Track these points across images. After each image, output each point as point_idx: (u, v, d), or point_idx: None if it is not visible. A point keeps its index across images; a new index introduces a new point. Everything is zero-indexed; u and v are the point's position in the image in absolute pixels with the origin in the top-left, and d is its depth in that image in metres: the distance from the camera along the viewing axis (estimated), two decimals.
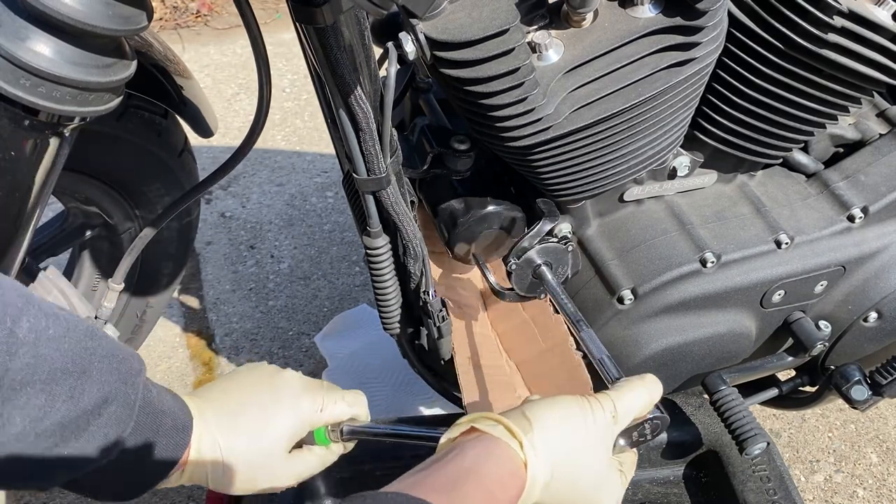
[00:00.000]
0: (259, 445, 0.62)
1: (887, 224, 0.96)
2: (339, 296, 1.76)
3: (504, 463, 0.53)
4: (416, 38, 0.68)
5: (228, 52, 2.62)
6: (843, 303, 0.99)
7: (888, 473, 1.47)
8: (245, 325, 1.68)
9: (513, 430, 0.54)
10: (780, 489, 0.97)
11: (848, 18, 0.77)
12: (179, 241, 1.22)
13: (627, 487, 0.63)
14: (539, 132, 0.73)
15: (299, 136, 2.26)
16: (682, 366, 0.96)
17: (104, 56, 0.63)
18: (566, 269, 0.89)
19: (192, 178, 1.16)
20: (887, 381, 0.99)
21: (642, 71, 0.72)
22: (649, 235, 0.92)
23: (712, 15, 0.71)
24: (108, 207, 1.11)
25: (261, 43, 0.72)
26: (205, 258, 1.84)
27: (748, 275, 0.91)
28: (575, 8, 0.69)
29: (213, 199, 2.00)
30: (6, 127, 0.63)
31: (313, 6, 0.60)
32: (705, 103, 0.86)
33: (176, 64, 1.02)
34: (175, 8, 2.79)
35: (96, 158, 1.02)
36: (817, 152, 1.01)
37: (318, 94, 0.77)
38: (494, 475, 0.52)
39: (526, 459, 0.54)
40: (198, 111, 1.04)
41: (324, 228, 1.93)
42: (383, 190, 0.77)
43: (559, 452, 0.56)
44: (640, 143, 0.80)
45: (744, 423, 0.94)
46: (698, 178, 0.95)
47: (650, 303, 0.90)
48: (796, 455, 1.50)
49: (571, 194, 0.86)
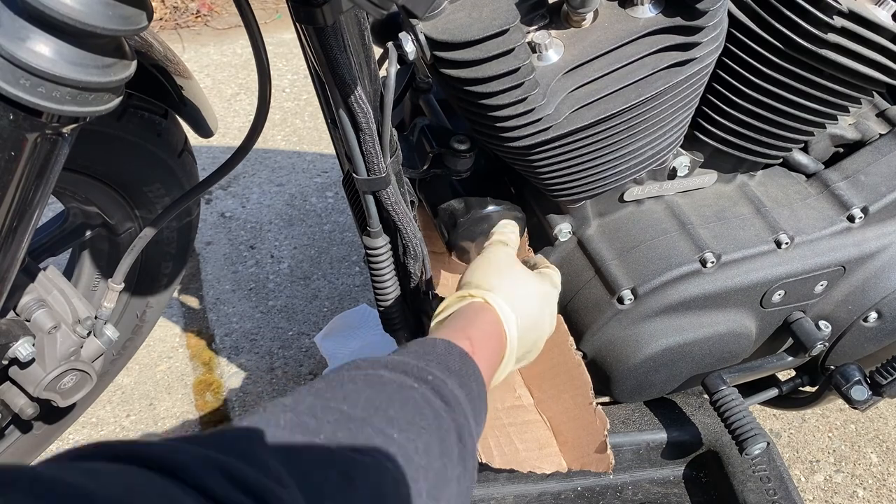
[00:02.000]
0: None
1: (887, 224, 0.96)
2: (339, 296, 1.76)
3: (483, 313, 0.68)
4: (416, 38, 0.68)
5: (228, 52, 2.62)
6: (843, 303, 0.99)
7: (888, 473, 1.47)
8: (245, 325, 1.68)
9: (474, 294, 0.70)
10: (780, 489, 0.97)
11: (848, 18, 0.77)
12: (179, 241, 1.22)
13: (627, 487, 0.65)
14: (539, 132, 0.73)
15: (299, 136, 2.26)
16: (682, 366, 0.96)
17: (104, 56, 0.63)
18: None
19: (192, 178, 1.15)
20: (887, 381, 0.99)
21: (642, 71, 0.72)
22: (649, 235, 0.92)
23: (712, 15, 0.71)
24: (108, 207, 1.11)
25: (261, 43, 0.72)
26: (205, 258, 1.84)
27: (748, 275, 0.91)
28: (575, 8, 0.69)
29: (213, 199, 2.00)
30: (6, 127, 0.63)
31: (313, 6, 0.60)
32: (705, 103, 0.86)
33: (176, 64, 1.02)
34: (175, 8, 2.79)
35: (96, 158, 1.02)
36: (817, 152, 1.01)
37: (318, 94, 0.77)
38: (481, 321, 0.67)
39: (493, 305, 0.69)
40: (198, 111, 1.04)
41: (324, 228, 1.93)
42: (383, 190, 0.77)
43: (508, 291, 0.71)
44: (640, 143, 0.80)
45: (744, 423, 0.94)
46: (698, 178, 0.95)
47: (650, 303, 0.90)
48: (796, 455, 1.50)
49: (571, 194, 0.86)
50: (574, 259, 0.95)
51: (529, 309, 0.71)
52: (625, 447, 1.02)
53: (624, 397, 1.00)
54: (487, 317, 0.68)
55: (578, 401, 0.89)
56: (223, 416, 1.51)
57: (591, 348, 0.94)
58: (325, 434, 0.42)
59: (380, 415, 0.46)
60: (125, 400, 1.53)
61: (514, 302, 0.70)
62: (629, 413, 1.05)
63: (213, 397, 1.54)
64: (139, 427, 1.48)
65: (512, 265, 0.76)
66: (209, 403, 1.53)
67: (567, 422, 0.92)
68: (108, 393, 1.50)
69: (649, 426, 1.03)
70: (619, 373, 0.94)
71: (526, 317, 0.70)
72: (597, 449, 0.88)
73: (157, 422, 1.49)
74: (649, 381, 0.97)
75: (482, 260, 0.76)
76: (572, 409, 0.91)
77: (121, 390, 1.54)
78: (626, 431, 1.02)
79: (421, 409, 0.49)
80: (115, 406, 1.51)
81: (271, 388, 1.55)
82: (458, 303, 0.70)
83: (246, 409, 1.52)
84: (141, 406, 1.52)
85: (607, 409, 0.99)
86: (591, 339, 0.94)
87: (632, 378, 0.95)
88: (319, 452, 0.41)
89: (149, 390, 1.55)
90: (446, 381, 0.53)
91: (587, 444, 0.90)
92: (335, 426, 0.43)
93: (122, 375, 1.52)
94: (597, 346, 0.94)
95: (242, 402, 1.53)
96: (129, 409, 1.51)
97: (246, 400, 1.53)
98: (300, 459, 0.39)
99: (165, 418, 1.50)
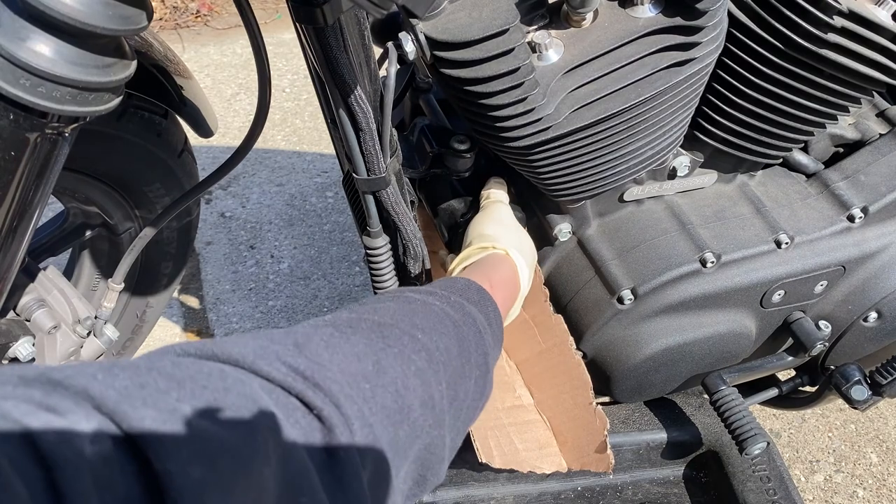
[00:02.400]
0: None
1: (887, 224, 0.96)
2: (339, 296, 1.76)
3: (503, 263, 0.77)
4: (416, 38, 0.68)
5: (228, 52, 2.62)
6: (843, 303, 0.99)
7: (888, 473, 1.47)
8: (245, 325, 1.68)
9: (497, 247, 0.78)
10: (780, 489, 0.97)
11: (848, 18, 0.77)
12: (179, 241, 1.22)
13: (627, 487, 0.66)
14: (539, 132, 0.73)
15: (299, 136, 2.26)
16: (682, 366, 0.96)
17: (104, 56, 0.63)
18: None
19: (192, 178, 1.16)
20: (887, 381, 0.99)
21: (642, 71, 0.72)
22: (649, 235, 0.92)
23: (712, 15, 0.71)
24: (108, 207, 1.11)
25: (261, 43, 0.72)
26: (205, 258, 1.84)
27: (748, 275, 0.91)
28: (575, 8, 0.69)
29: (213, 199, 2.00)
30: (6, 127, 0.63)
31: (313, 6, 0.60)
32: (705, 103, 0.86)
33: (176, 64, 1.02)
34: (175, 8, 2.79)
35: (96, 158, 1.02)
36: (817, 152, 1.01)
37: (318, 94, 0.77)
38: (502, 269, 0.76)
39: (513, 258, 0.77)
40: (198, 111, 1.04)
41: (324, 228, 1.93)
42: (383, 190, 0.77)
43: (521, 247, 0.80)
44: (640, 143, 0.80)
45: (744, 423, 0.94)
46: (698, 178, 0.95)
47: (650, 303, 0.90)
48: (796, 455, 1.50)
49: (571, 194, 0.86)
50: (574, 259, 0.95)
51: (532, 262, 0.82)
52: (625, 447, 1.02)
53: (624, 397, 1.00)
54: (506, 266, 0.76)
55: (578, 401, 0.89)
56: None
57: (591, 348, 0.95)
58: (361, 332, 0.50)
59: (406, 321, 0.53)
60: None
61: (526, 257, 0.80)
62: (629, 413, 1.05)
63: None
64: None
65: (516, 222, 0.85)
66: None
67: (567, 422, 0.92)
68: None
69: (649, 426, 1.03)
70: (619, 373, 0.94)
71: (530, 268, 0.81)
72: (597, 449, 0.88)
73: None
74: (649, 381, 0.97)
75: (488, 217, 0.84)
76: (572, 409, 0.91)
77: None
78: (626, 431, 1.02)
79: (441, 320, 0.57)
80: None
81: None
82: (480, 253, 0.77)
83: None
84: None
85: (607, 409, 0.99)
86: (591, 339, 0.94)
87: (632, 378, 0.95)
88: (356, 345, 0.47)
89: None
90: (464, 304, 0.61)
91: (587, 444, 0.90)
92: (369, 330, 0.50)
93: None
94: (597, 346, 0.94)
95: None
96: None
97: None
98: (342, 351, 0.46)
99: None
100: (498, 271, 0.75)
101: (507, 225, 0.83)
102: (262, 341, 0.43)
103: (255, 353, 0.41)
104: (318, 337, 0.46)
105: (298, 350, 0.43)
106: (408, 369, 0.49)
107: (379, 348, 0.48)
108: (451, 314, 0.58)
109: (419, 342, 0.52)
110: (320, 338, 0.46)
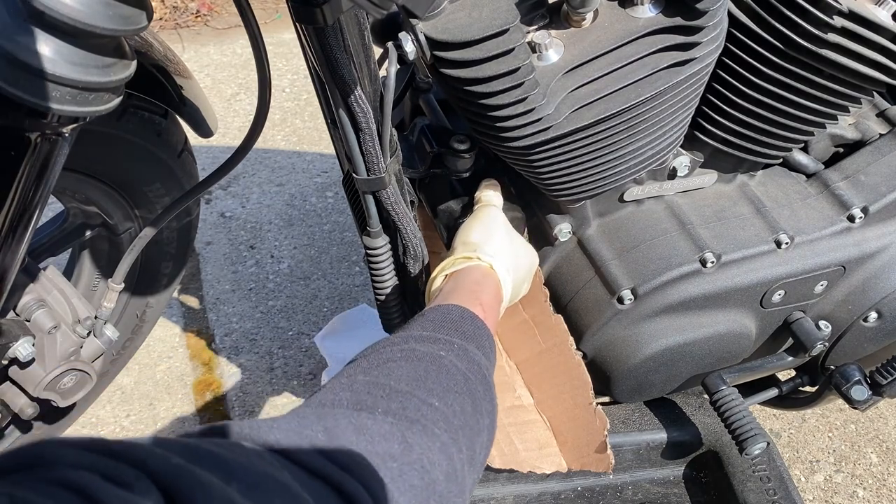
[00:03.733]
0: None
1: (887, 224, 0.96)
2: (339, 296, 1.76)
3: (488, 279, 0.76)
4: (416, 38, 0.68)
5: (228, 52, 2.62)
6: (843, 303, 0.99)
7: (888, 473, 1.47)
8: (245, 325, 1.68)
9: (482, 259, 0.76)
10: (780, 489, 0.97)
11: (848, 18, 0.77)
12: (179, 241, 1.22)
13: (627, 487, 0.66)
14: (539, 132, 0.73)
15: (299, 136, 2.26)
16: (682, 366, 0.96)
17: (104, 56, 0.63)
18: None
19: (192, 178, 1.16)
20: (887, 381, 0.99)
21: (642, 71, 0.72)
22: (649, 235, 0.92)
23: (712, 15, 0.71)
24: (108, 207, 1.11)
25: (261, 43, 0.72)
26: (205, 258, 1.84)
27: (748, 275, 0.91)
28: (575, 8, 0.69)
29: (213, 199, 2.00)
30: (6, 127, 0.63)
31: (313, 6, 0.60)
32: (705, 103, 0.86)
33: (176, 64, 1.02)
34: (175, 8, 2.79)
35: (96, 158, 1.02)
36: (817, 152, 1.01)
37: (318, 94, 0.77)
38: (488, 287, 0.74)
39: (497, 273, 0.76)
40: (198, 111, 1.04)
41: (324, 228, 1.93)
42: (383, 190, 0.77)
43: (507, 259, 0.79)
44: (640, 143, 0.80)
45: (744, 423, 0.94)
46: (698, 178, 0.95)
47: (650, 303, 0.90)
48: (796, 455, 1.50)
49: (571, 194, 0.86)
50: (574, 259, 0.95)
51: (520, 275, 0.81)
52: (625, 447, 1.02)
53: (624, 397, 1.00)
54: (492, 282, 0.76)
55: (578, 401, 0.89)
56: (223, 416, 1.51)
57: (591, 348, 0.94)
58: (382, 408, 0.50)
59: (421, 387, 0.54)
60: (125, 400, 1.53)
61: (512, 271, 0.79)
62: (629, 413, 1.05)
63: (212, 397, 1.54)
64: (139, 427, 1.48)
65: (508, 230, 0.84)
66: (209, 403, 1.53)
67: (567, 422, 0.92)
68: (108, 393, 1.50)
69: (649, 426, 1.03)
70: (619, 373, 0.94)
71: (516, 281, 0.80)
72: (597, 449, 0.88)
73: (156, 422, 1.49)
74: (649, 381, 0.97)
75: (479, 222, 0.83)
76: (572, 409, 0.91)
77: (121, 390, 1.54)
78: (626, 431, 1.02)
79: (453, 376, 0.57)
80: (115, 406, 1.51)
81: (271, 388, 1.55)
82: (464, 263, 0.77)
83: (246, 409, 1.52)
84: (141, 406, 1.52)
85: (607, 409, 0.99)
86: (591, 339, 0.94)
87: (632, 378, 0.95)
88: (382, 424, 0.48)
89: (149, 390, 1.55)
90: (467, 347, 0.62)
91: (587, 444, 0.90)
92: (388, 400, 0.51)
93: (122, 375, 1.52)
94: (597, 346, 0.94)
95: (242, 402, 1.53)
96: (128, 409, 1.51)
97: (246, 400, 1.53)
98: (369, 433, 0.47)
99: (165, 418, 1.50)
100: (485, 290, 0.74)
101: (495, 231, 0.81)
102: (293, 424, 0.45)
103: (289, 438, 0.43)
104: (346, 420, 0.47)
105: (329, 436, 0.45)
106: (432, 444, 0.50)
107: (404, 427, 0.49)
108: (460, 367, 0.59)
109: (438, 411, 0.53)
110: (348, 421, 0.47)
